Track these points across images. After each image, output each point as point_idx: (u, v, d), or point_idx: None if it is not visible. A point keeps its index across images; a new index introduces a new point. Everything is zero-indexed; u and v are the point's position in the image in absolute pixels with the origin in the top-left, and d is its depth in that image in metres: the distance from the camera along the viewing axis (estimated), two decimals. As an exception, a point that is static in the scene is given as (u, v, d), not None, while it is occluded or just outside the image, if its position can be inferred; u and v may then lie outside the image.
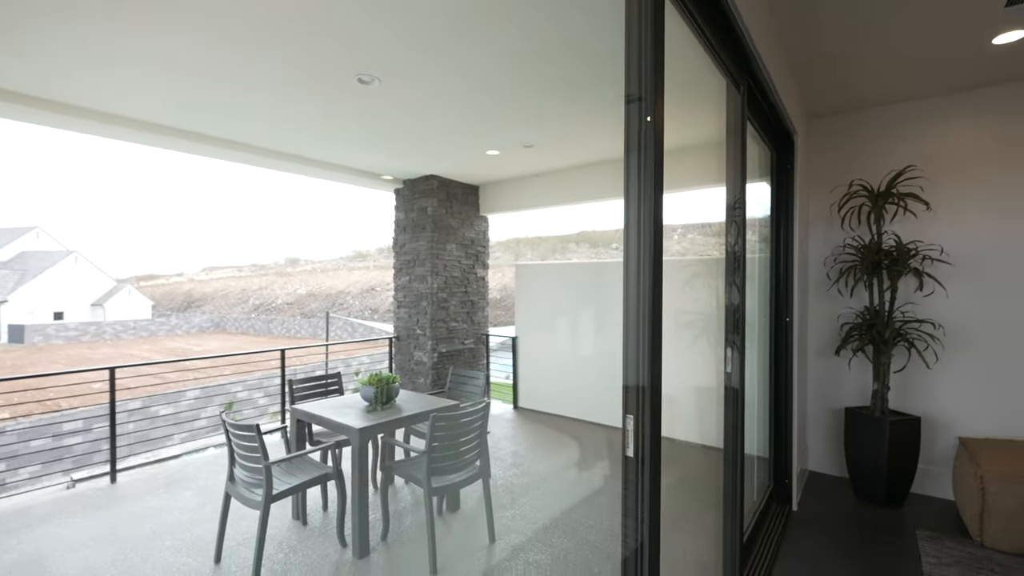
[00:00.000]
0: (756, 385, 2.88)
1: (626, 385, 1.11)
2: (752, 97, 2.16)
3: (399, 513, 2.94)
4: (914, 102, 3.05)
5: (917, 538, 2.52)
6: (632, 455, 1.09)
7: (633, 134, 1.11)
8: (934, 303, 2.97)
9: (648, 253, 1.08)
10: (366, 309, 30.08)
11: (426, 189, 5.26)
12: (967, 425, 2.92)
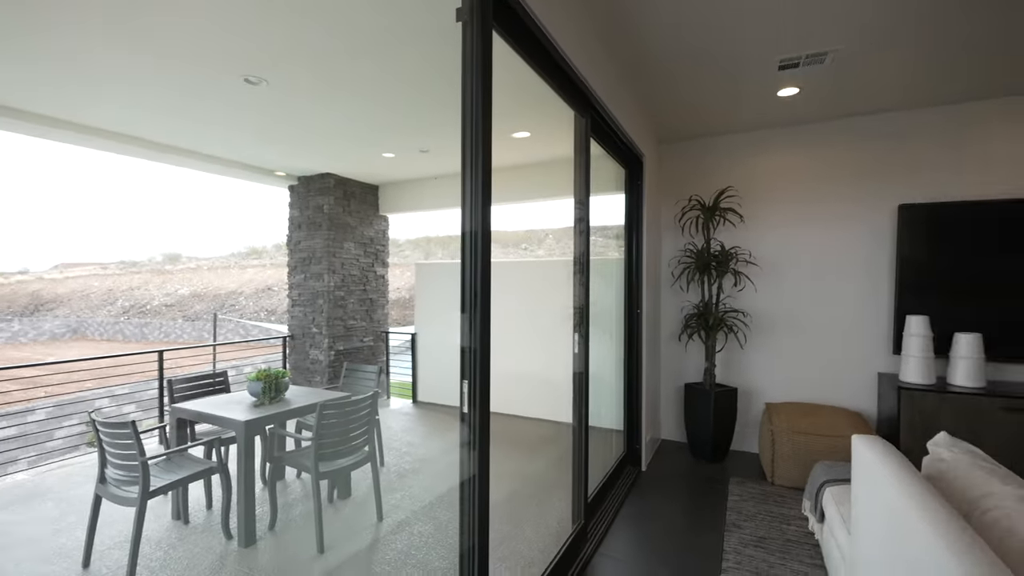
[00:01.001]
0: (613, 368, 3.39)
1: (462, 359, 1.41)
2: (597, 125, 2.60)
3: (289, 504, 3.03)
4: (733, 135, 3.78)
5: (729, 483, 3.16)
6: (467, 411, 1.39)
7: (467, 152, 1.42)
8: (746, 296, 3.71)
9: (479, 250, 1.40)
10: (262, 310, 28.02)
11: (322, 187, 5.26)
12: (771, 393, 3.68)
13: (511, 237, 33.98)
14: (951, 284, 3.13)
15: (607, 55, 2.52)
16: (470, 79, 1.40)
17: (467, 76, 1.40)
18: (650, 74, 2.81)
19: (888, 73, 2.74)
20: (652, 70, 2.76)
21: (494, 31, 1.48)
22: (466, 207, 1.42)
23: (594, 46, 2.28)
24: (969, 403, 2.78)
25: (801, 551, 2.36)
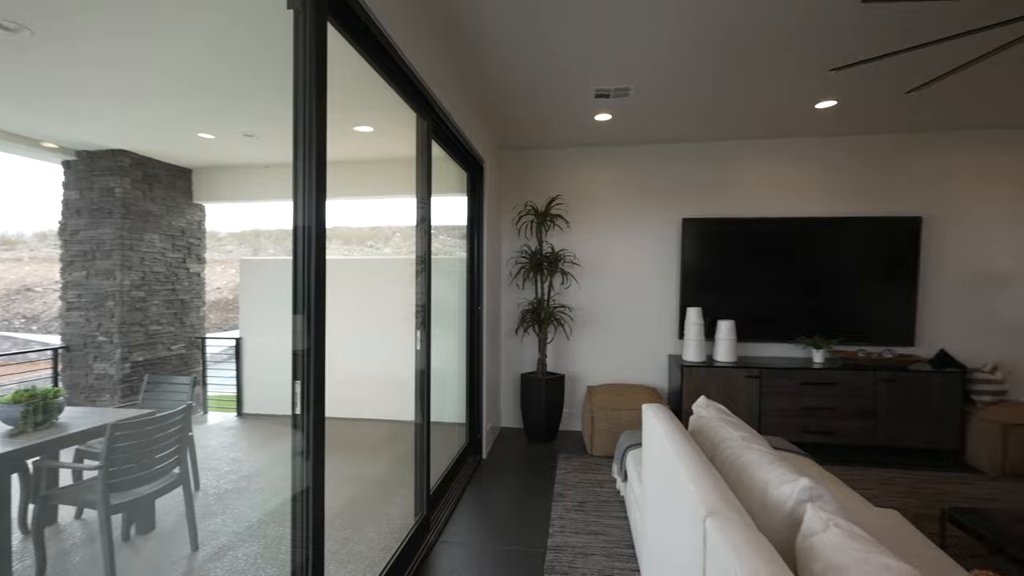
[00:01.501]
0: (456, 363, 3.52)
1: (295, 361, 1.37)
2: (439, 128, 2.70)
3: (65, 552, 2.48)
4: (563, 149, 4.24)
5: (558, 459, 3.55)
6: (300, 413, 1.35)
7: (300, 142, 1.37)
8: (572, 293, 4.20)
9: (313, 246, 1.37)
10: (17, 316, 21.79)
11: (113, 166, 4.36)
12: (592, 377, 4.23)
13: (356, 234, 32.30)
14: (717, 282, 3.99)
15: (447, 64, 2.63)
16: (303, 68, 1.36)
17: (300, 65, 1.36)
18: (488, 90, 3.01)
19: (676, 112, 3.38)
20: (489, 87, 2.96)
21: (329, 23, 1.46)
22: (299, 200, 1.37)
23: (435, 54, 2.36)
24: (726, 374, 3.59)
25: (611, 508, 2.78)
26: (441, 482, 2.87)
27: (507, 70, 2.78)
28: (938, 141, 3.81)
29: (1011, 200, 3.74)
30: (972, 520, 1.92)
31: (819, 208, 3.95)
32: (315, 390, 1.38)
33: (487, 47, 2.52)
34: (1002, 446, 3.15)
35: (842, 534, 0.92)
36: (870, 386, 3.45)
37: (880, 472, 3.28)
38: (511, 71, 2.79)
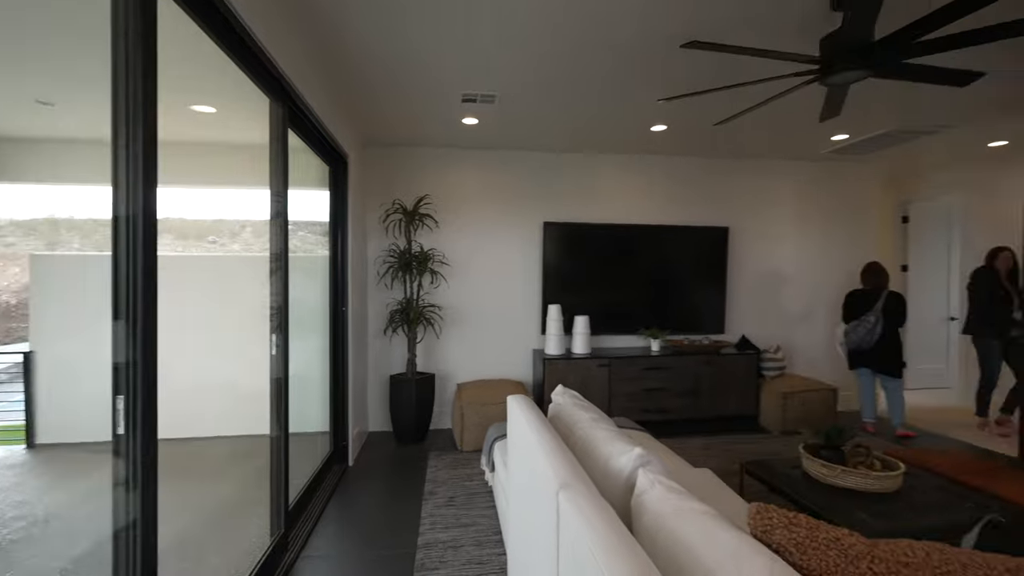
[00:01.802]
0: (319, 368, 3.32)
1: (116, 375, 1.18)
2: (297, 118, 2.52)
3: None
4: (433, 148, 4.25)
5: (428, 458, 3.56)
6: (123, 433, 1.17)
7: (122, 118, 1.19)
8: (441, 292, 4.24)
9: (140, 240, 1.19)
10: None
11: None
12: (462, 375, 4.32)
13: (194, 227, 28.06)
14: (575, 282, 4.36)
15: (307, 49, 2.46)
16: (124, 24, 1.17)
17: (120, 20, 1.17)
18: (353, 82, 2.89)
19: (539, 123, 3.61)
20: (354, 79, 2.85)
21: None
22: (121, 185, 1.19)
23: (293, 37, 2.20)
24: (582, 364, 3.95)
25: (481, 500, 2.89)
26: (302, 495, 2.68)
27: (373, 64, 2.70)
28: (739, 165, 4.67)
29: (789, 217, 4.75)
30: (759, 470, 2.41)
31: (659, 217, 4.56)
32: (143, 406, 1.21)
33: (349, 34, 2.42)
34: (782, 410, 4.00)
35: (664, 490, 1.11)
36: (693, 368, 4.10)
37: (701, 439, 3.91)
38: (377, 65, 2.72)
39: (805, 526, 0.87)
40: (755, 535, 0.92)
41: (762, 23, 2.19)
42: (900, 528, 1.83)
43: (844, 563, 0.81)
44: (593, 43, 2.44)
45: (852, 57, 1.81)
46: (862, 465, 2.21)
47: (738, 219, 4.68)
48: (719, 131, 3.84)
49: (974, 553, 0.80)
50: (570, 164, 4.43)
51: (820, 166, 4.80)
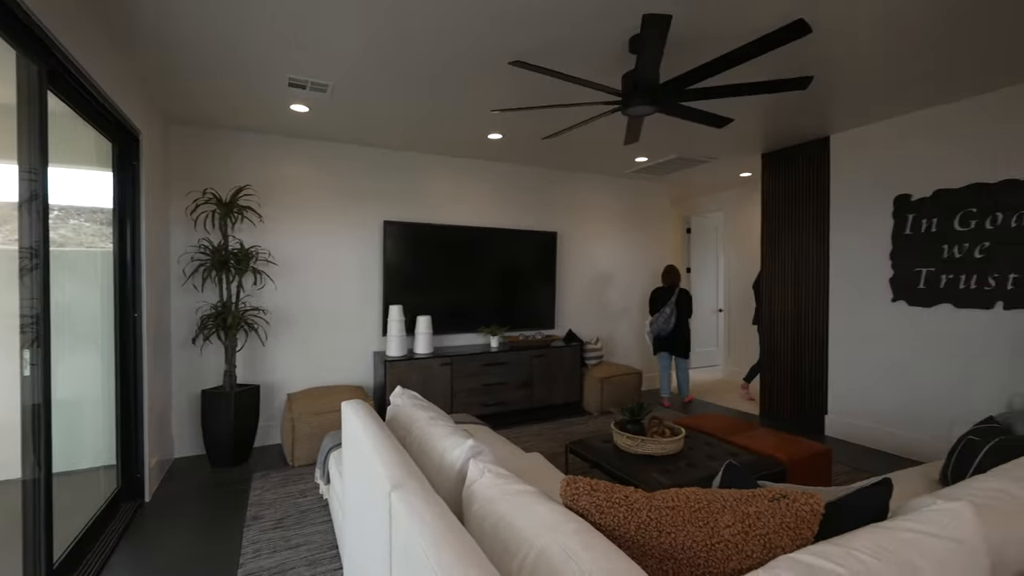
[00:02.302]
0: (100, 389, 2.72)
1: None
2: (63, 78, 2.03)
3: None
4: (257, 134, 3.80)
5: (252, 479, 3.19)
6: None
7: None
8: (267, 294, 3.84)
9: None
10: None
11: None
12: (293, 384, 3.96)
13: None
14: (417, 281, 4.34)
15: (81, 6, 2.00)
16: None
17: None
18: (146, 47, 2.43)
19: (379, 120, 3.50)
20: (149, 44, 2.40)
21: None
22: None
23: (51, -24, 1.76)
24: (425, 364, 3.97)
25: (315, 516, 2.70)
26: (75, 547, 2.17)
27: (173, 25, 2.31)
28: (566, 177, 5.19)
29: (605, 224, 5.45)
30: (580, 448, 2.73)
31: (498, 220, 4.80)
32: None
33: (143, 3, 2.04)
34: (601, 394, 4.57)
35: (492, 476, 1.19)
36: (528, 362, 4.43)
37: (535, 427, 4.25)
38: (179, 28, 2.34)
39: (603, 490, 1.03)
40: (566, 504, 1.06)
41: (581, 54, 2.48)
42: (682, 479, 2.26)
43: (630, 515, 0.98)
44: (429, 51, 2.47)
45: (643, 94, 2.17)
46: (657, 434, 2.66)
47: (565, 225, 5.20)
48: (548, 144, 4.21)
49: (716, 491, 1.04)
50: (413, 164, 4.40)
51: (629, 182, 5.60)
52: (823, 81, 2.88)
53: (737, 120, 3.58)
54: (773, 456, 2.56)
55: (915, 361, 3.43)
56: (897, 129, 3.52)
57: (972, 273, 3.13)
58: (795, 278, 4.26)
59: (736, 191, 6.16)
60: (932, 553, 0.82)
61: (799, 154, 4.21)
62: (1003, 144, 2.99)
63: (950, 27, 2.27)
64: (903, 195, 3.49)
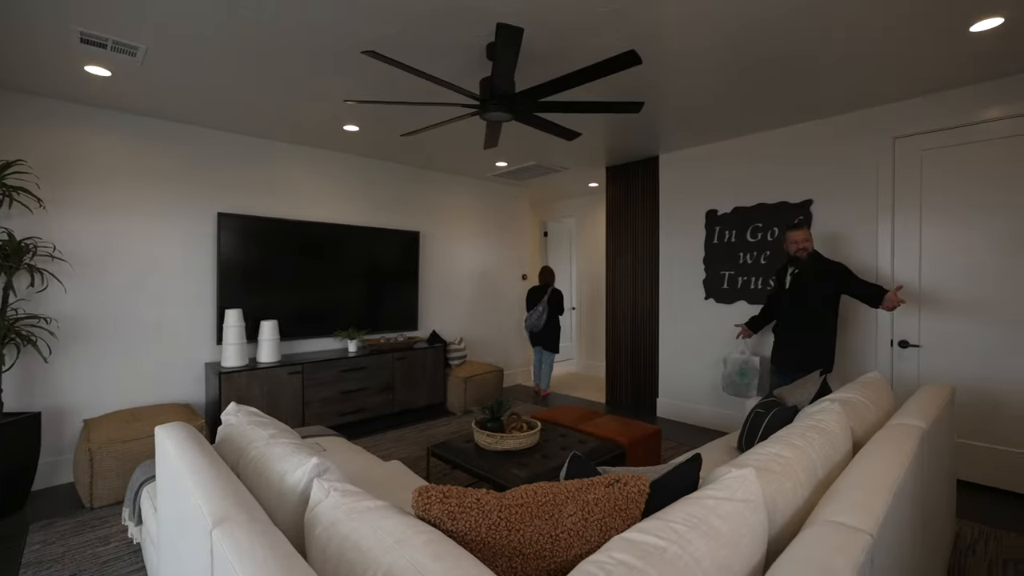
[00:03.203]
0: None
1: None
2: None
3: None
4: (40, 99, 3.01)
5: (29, 532, 2.53)
6: None
7: None
8: (52, 299, 3.08)
9: None
10: None
11: None
12: (93, 407, 3.24)
13: None
14: (263, 282, 3.89)
15: None
16: None
17: None
18: None
19: (211, 97, 3.03)
20: None
21: None
22: None
23: None
24: (270, 374, 3.57)
25: (122, 566, 2.24)
26: None
27: None
28: (430, 176, 5.13)
29: (470, 225, 5.51)
30: (442, 450, 2.72)
31: (357, 218, 4.53)
32: None
33: None
34: (464, 393, 4.62)
35: (339, 495, 1.11)
36: (389, 365, 4.28)
37: (397, 432, 4.12)
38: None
39: (455, 496, 1.02)
40: (419, 515, 1.03)
41: (441, 54, 2.46)
42: (538, 471, 2.38)
43: (482, 518, 0.99)
44: (271, 31, 2.22)
45: (500, 101, 2.24)
46: (515, 429, 2.77)
47: (428, 224, 5.13)
48: (411, 143, 4.11)
49: (563, 482, 1.11)
50: (257, 150, 3.92)
51: (491, 185, 5.75)
52: (654, 108, 3.29)
53: (586, 135, 3.91)
54: (615, 440, 2.84)
55: (721, 349, 4.12)
56: (708, 154, 4.18)
57: (759, 276, 3.86)
58: (633, 279, 4.81)
59: (587, 199, 6.73)
60: (728, 515, 0.97)
61: (637, 169, 4.76)
62: (783, 172, 3.75)
63: (747, 76, 2.77)
64: (712, 210, 4.17)
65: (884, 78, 2.84)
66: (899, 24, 2.24)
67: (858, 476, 1.21)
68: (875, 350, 3.30)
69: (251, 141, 3.91)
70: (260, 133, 3.85)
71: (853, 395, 2.03)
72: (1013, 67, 2.68)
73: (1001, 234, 2.84)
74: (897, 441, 1.47)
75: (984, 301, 2.90)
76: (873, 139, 3.29)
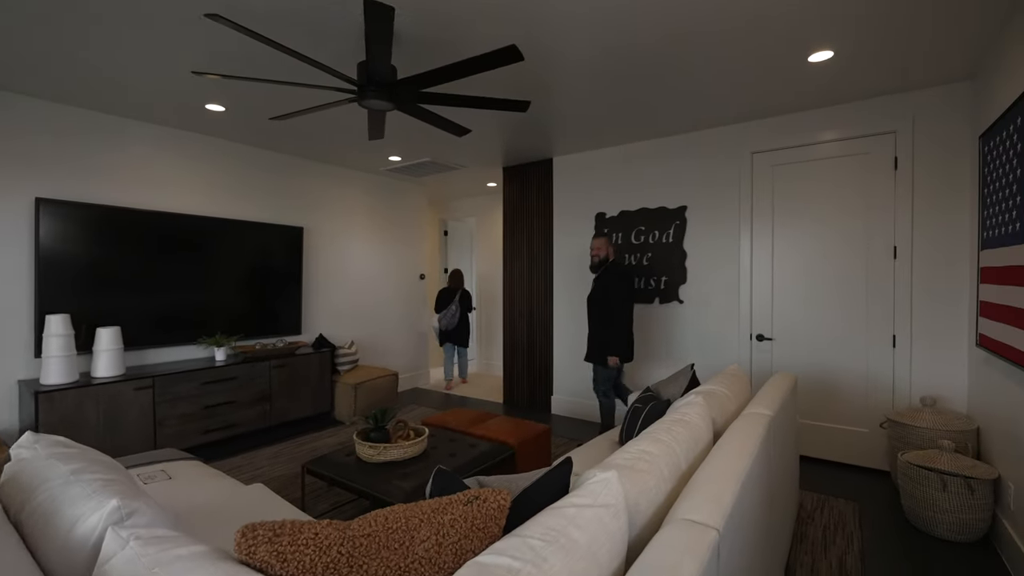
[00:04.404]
0: None
1: None
2: None
3: None
4: None
5: None
6: None
7: None
8: None
9: None
10: None
11: None
12: None
13: None
14: (102, 282, 3.29)
15: None
16: None
17: None
18: None
19: (22, 48, 2.47)
20: None
21: None
22: None
23: None
24: (110, 391, 3.03)
25: None
26: None
27: None
28: (315, 168, 4.74)
29: (363, 222, 5.20)
30: (318, 466, 2.48)
31: (231, 210, 4.02)
32: None
33: None
34: (354, 400, 4.33)
35: (140, 545, 0.90)
36: (266, 374, 3.87)
37: (274, 448, 3.73)
38: None
39: (288, 533, 0.88)
40: (242, 560, 0.87)
41: (315, 32, 2.23)
42: (423, 481, 2.26)
43: (318, 555, 0.86)
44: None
45: (378, 88, 2.08)
46: (401, 438, 2.62)
47: (314, 220, 4.74)
48: (293, 130, 3.74)
49: (419, 504, 1.01)
50: (95, 126, 3.30)
51: (386, 180, 5.48)
52: (546, 111, 3.33)
53: (481, 134, 3.86)
54: (505, 442, 2.81)
55: (610, 345, 4.32)
56: (598, 159, 4.36)
57: (643, 277, 4.10)
58: (529, 279, 4.86)
59: (486, 198, 6.71)
60: (587, 523, 0.95)
61: (532, 170, 4.82)
62: (663, 179, 4.00)
63: (625, 88, 2.89)
64: (601, 212, 4.35)
65: (741, 99, 3.14)
66: (747, 55, 2.47)
67: (711, 470, 1.27)
68: (737, 343, 3.66)
69: (91, 115, 3.28)
70: (100, 107, 3.24)
71: (716, 387, 2.19)
72: (841, 95, 3.11)
73: (833, 241, 3.29)
74: (747, 430, 1.59)
75: (821, 299, 3.34)
76: (736, 153, 3.64)
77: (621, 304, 3.44)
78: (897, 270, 3.09)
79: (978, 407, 2.68)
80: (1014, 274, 2.08)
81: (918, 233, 3.03)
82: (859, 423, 3.24)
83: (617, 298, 3.44)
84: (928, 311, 3.00)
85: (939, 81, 2.87)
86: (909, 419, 2.78)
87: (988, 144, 2.46)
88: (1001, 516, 2.27)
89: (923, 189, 3.00)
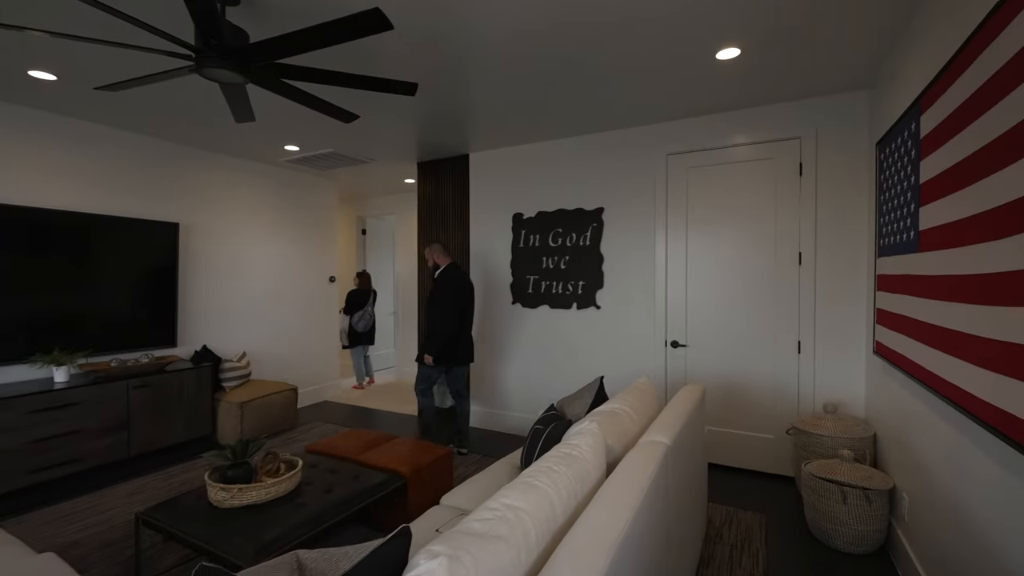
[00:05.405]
0: None
1: None
2: None
3: None
4: None
5: None
6: None
7: None
8: None
9: None
10: None
11: None
12: None
13: None
14: None
15: None
16: None
17: None
18: None
19: None
20: None
21: None
22: None
23: None
24: None
25: None
26: None
27: None
28: (194, 154, 4.14)
29: (260, 219, 4.64)
30: (158, 515, 2.03)
31: (80, 201, 3.37)
32: None
33: None
34: (240, 421, 3.81)
35: None
36: (123, 395, 3.27)
37: (133, 483, 3.15)
38: None
39: None
40: None
41: (136, -21, 1.79)
42: (284, 528, 1.89)
43: None
44: None
45: (220, 54, 1.69)
46: (268, 474, 2.22)
47: (195, 216, 4.14)
48: (164, 109, 3.18)
49: None
50: None
51: (288, 173, 4.94)
52: (459, 102, 3.03)
53: (389, 125, 3.49)
54: (396, 471, 2.48)
55: (525, 354, 4.10)
56: (515, 156, 4.12)
57: (559, 280, 3.92)
58: (446, 283, 4.54)
59: (406, 195, 6.31)
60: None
61: (448, 167, 4.51)
62: (580, 179, 3.83)
63: (537, 81, 2.66)
64: (518, 213, 4.12)
65: (658, 96, 3.01)
66: (657, 47, 2.32)
67: (585, 532, 1.03)
68: (653, 351, 3.55)
69: None
70: None
71: (619, 406, 2.00)
72: (751, 99, 3.07)
73: (744, 246, 3.26)
74: (640, 467, 1.38)
75: (732, 306, 3.30)
76: (651, 154, 3.54)
77: (443, 308, 3.49)
78: (802, 276, 3.10)
79: (875, 413, 2.70)
80: (906, 283, 2.06)
81: (821, 239, 3.04)
82: (767, 430, 3.22)
83: (442, 302, 3.51)
84: (831, 317, 3.02)
85: (840, 88, 2.89)
86: (812, 427, 2.77)
87: (884, 151, 2.46)
88: (896, 527, 2.26)
89: (826, 195, 3.02)
